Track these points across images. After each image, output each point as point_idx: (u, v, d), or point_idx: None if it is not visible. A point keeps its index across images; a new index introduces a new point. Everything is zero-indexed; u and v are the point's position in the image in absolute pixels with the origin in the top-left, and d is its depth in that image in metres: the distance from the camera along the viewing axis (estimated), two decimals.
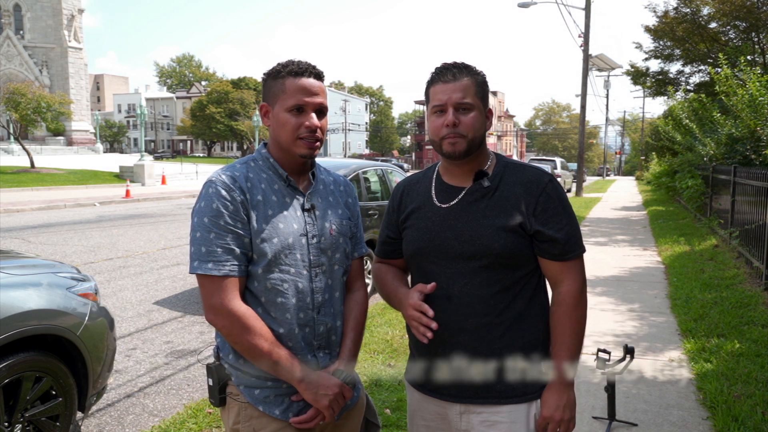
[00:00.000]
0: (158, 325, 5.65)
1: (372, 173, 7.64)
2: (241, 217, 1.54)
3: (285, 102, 1.59)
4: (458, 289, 1.57)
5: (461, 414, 1.62)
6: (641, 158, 40.73)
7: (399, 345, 4.77)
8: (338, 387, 1.58)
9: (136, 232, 12.13)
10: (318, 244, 1.63)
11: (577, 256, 1.61)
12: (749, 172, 7.99)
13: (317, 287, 1.63)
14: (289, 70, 1.60)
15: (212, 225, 1.53)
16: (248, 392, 1.60)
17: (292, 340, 1.58)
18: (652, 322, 5.47)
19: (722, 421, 3.31)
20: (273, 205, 1.59)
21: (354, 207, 1.80)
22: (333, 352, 1.67)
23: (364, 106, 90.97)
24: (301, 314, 1.60)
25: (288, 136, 1.59)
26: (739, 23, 16.61)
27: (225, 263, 1.52)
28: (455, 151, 1.57)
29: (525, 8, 24.74)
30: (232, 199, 1.54)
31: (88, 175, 30.37)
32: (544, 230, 1.56)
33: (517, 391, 1.59)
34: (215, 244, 1.52)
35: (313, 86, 1.60)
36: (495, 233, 1.55)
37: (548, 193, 1.58)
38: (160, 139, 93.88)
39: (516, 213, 1.56)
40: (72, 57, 50.42)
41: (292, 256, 1.58)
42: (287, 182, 1.63)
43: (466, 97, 1.56)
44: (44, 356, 2.83)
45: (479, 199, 1.60)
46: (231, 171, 1.60)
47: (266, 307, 1.58)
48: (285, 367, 1.53)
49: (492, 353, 1.57)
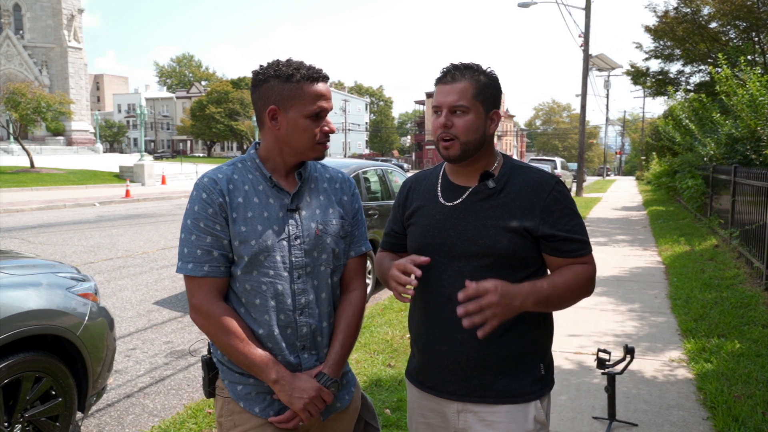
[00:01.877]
0: (158, 325, 5.65)
1: (372, 173, 7.63)
2: (220, 220, 1.56)
3: (304, 108, 1.57)
4: (460, 287, 1.56)
5: (459, 412, 1.62)
6: (641, 158, 40.74)
7: (399, 345, 4.77)
8: (315, 390, 1.57)
9: (135, 232, 12.13)
10: (301, 245, 1.62)
11: (589, 253, 1.62)
12: (749, 172, 7.99)
13: (299, 289, 1.61)
14: (302, 74, 1.57)
15: (193, 227, 1.57)
16: (232, 388, 1.63)
17: (272, 341, 1.59)
18: (653, 322, 5.47)
19: (722, 422, 3.31)
20: (254, 206, 1.59)
21: (350, 205, 1.76)
22: (320, 354, 1.66)
23: (364, 106, 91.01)
24: (281, 316, 1.60)
25: (307, 141, 1.60)
26: (739, 23, 16.60)
27: (204, 264, 1.56)
28: (449, 155, 1.61)
29: (525, 8, 24.72)
30: (212, 202, 1.56)
31: (87, 175, 30.37)
32: (555, 232, 1.57)
33: (515, 391, 1.59)
34: (195, 246, 1.56)
35: (327, 91, 1.61)
36: (498, 233, 1.56)
37: (555, 195, 1.59)
38: (160, 139, 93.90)
39: (521, 215, 1.57)
40: (72, 57, 50.42)
41: (271, 258, 1.58)
42: (272, 183, 1.62)
43: (460, 100, 1.57)
44: (44, 356, 2.82)
45: (484, 199, 1.61)
46: (215, 173, 1.61)
47: (247, 308, 1.60)
48: (260, 367, 1.55)
49: (491, 353, 1.57)
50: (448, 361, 1.61)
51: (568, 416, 3.49)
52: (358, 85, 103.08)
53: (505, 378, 1.58)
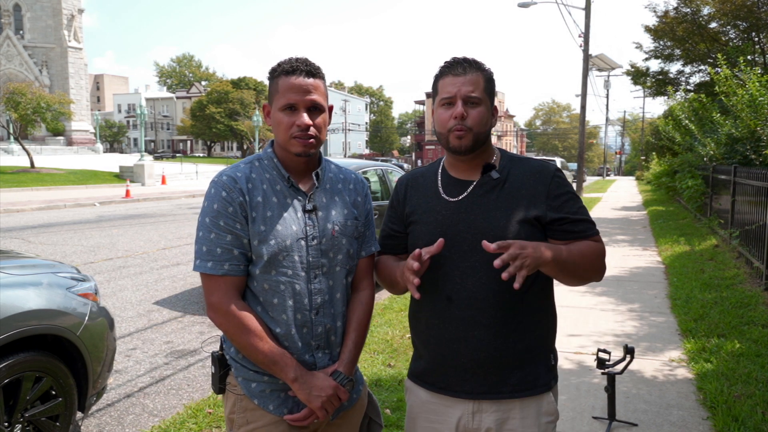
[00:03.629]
0: (158, 325, 5.65)
1: (372, 173, 7.65)
2: (240, 219, 1.56)
3: (278, 101, 1.59)
4: (472, 283, 1.56)
5: (473, 413, 1.60)
6: (641, 158, 40.71)
7: (399, 345, 4.77)
8: (332, 389, 1.58)
9: (135, 232, 12.13)
10: (318, 246, 1.62)
11: (597, 233, 1.63)
12: (749, 172, 7.99)
13: (316, 289, 1.62)
14: (282, 68, 1.60)
15: (213, 225, 1.56)
16: (245, 385, 1.63)
17: (289, 340, 1.59)
18: (652, 322, 5.47)
19: (722, 421, 3.31)
20: (273, 206, 1.59)
21: (363, 206, 1.76)
22: (333, 353, 1.67)
23: (364, 106, 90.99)
24: (298, 315, 1.60)
25: (283, 135, 1.60)
26: (739, 23, 16.60)
27: (224, 263, 1.55)
28: (461, 146, 1.58)
29: (525, 8, 24.70)
30: (232, 200, 1.56)
31: (88, 175, 30.36)
32: (563, 215, 1.58)
33: (530, 383, 1.59)
34: (215, 244, 1.56)
35: (305, 84, 1.58)
36: (509, 225, 1.55)
37: (557, 181, 1.61)
38: (160, 139, 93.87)
39: (528, 203, 1.57)
40: (72, 57, 50.42)
41: (289, 258, 1.58)
42: (289, 183, 1.63)
43: (475, 91, 1.57)
44: (44, 356, 2.82)
45: (489, 191, 1.60)
46: (234, 171, 1.61)
47: (265, 307, 1.60)
48: (279, 366, 1.55)
49: (506, 347, 1.56)
50: (465, 359, 1.57)
51: (568, 416, 3.49)
52: (358, 85, 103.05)
53: (520, 371, 1.58)
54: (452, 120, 1.57)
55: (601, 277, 1.65)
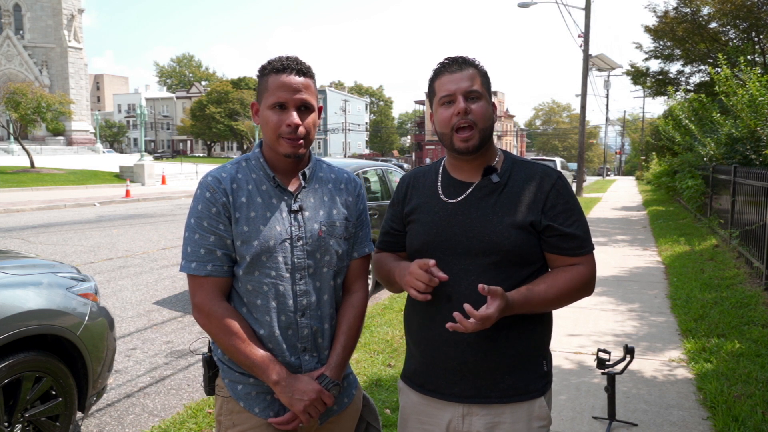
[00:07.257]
0: (158, 325, 5.65)
1: (372, 173, 7.64)
2: (224, 219, 1.56)
3: (267, 99, 1.57)
4: (465, 286, 1.54)
5: (463, 416, 1.58)
6: (641, 158, 40.72)
7: (399, 345, 4.77)
8: (316, 392, 1.55)
9: (135, 232, 12.13)
10: (304, 247, 1.60)
11: (589, 252, 1.59)
12: (749, 172, 7.99)
13: (301, 290, 1.60)
14: (272, 67, 1.58)
15: (197, 226, 1.56)
16: (232, 387, 1.62)
17: (273, 342, 1.58)
18: (652, 322, 5.47)
19: (722, 421, 3.31)
20: (257, 206, 1.58)
21: (355, 206, 1.73)
22: (321, 356, 1.64)
23: (364, 106, 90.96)
24: (282, 317, 1.58)
25: (270, 134, 1.58)
26: (739, 23, 16.60)
27: (207, 264, 1.55)
28: (468, 147, 1.56)
29: (525, 8, 24.72)
30: (215, 201, 1.55)
31: (88, 175, 30.35)
32: (555, 225, 1.55)
33: (520, 389, 1.57)
34: (199, 245, 1.55)
35: (295, 82, 1.56)
36: (505, 230, 1.53)
37: (558, 189, 1.58)
38: (160, 139, 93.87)
39: (526, 209, 1.55)
40: (72, 57, 50.41)
41: (273, 258, 1.56)
42: (275, 183, 1.61)
43: (474, 85, 1.56)
44: (44, 356, 2.82)
45: (488, 194, 1.58)
46: (219, 172, 1.60)
47: (249, 308, 1.59)
48: (260, 368, 1.53)
49: (498, 352, 1.55)
50: (454, 362, 1.56)
51: (568, 416, 3.49)
52: (358, 85, 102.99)
53: (511, 377, 1.56)
54: (455, 117, 1.55)
55: (590, 295, 1.63)
